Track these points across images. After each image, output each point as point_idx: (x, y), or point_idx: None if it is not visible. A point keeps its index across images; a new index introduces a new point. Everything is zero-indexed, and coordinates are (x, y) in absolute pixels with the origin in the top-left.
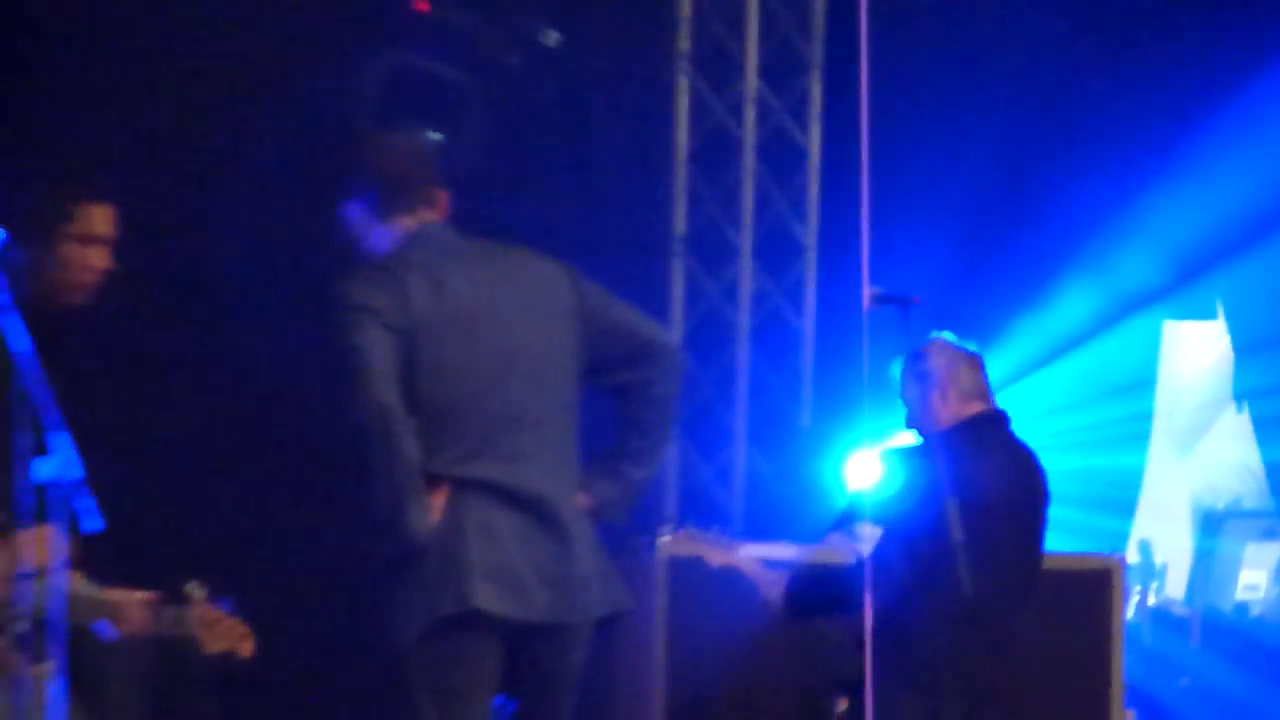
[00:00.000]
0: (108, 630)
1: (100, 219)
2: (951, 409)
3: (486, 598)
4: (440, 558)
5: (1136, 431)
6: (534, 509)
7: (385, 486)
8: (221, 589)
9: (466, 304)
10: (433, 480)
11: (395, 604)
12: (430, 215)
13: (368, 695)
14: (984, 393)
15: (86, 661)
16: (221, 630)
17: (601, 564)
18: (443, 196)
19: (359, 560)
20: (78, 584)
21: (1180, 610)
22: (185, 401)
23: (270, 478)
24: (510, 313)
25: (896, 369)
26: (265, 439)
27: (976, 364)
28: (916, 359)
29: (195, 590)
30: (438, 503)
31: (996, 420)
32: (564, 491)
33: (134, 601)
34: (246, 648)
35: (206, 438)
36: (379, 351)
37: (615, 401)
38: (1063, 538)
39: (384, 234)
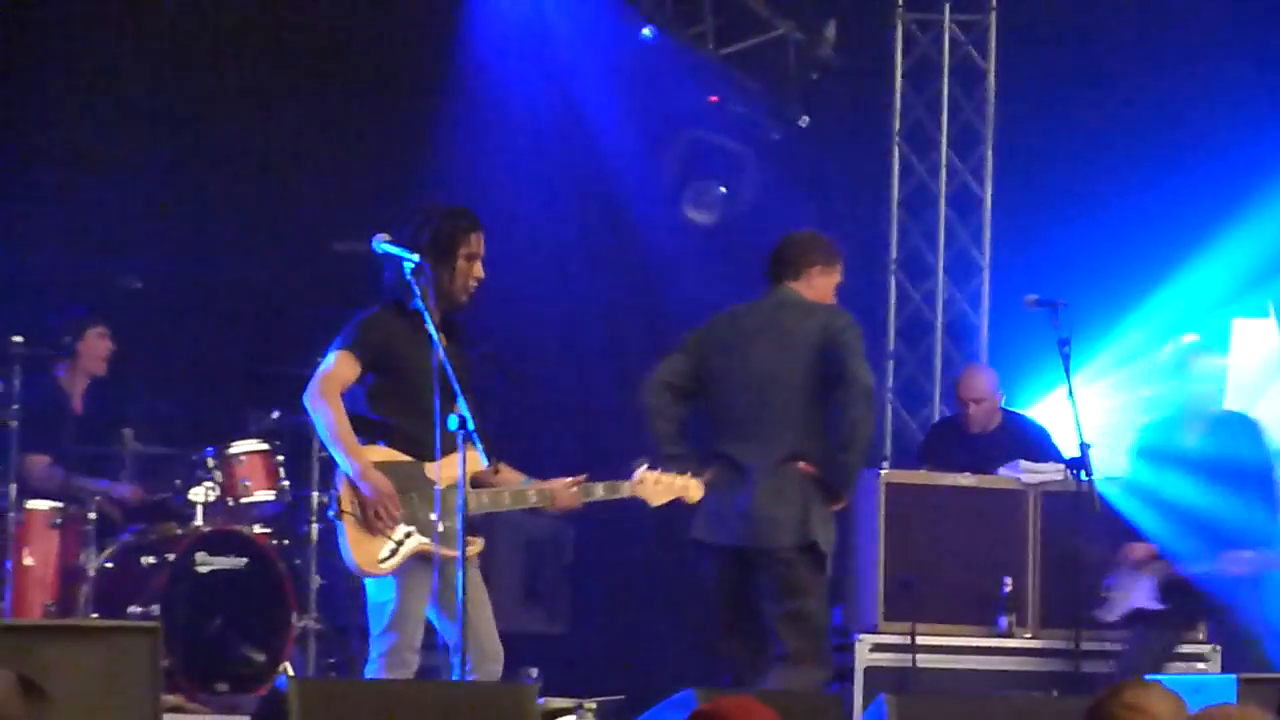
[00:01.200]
0: (545, 507)
1: (477, 241)
2: None
3: (699, 529)
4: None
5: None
6: (744, 472)
7: None
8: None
9: (740, 336)
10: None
11: None
12: (793, 285)
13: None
14: None
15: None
16: (663, 487)
17: (794, 509)
18: (813, 272)
19: None
20: (517, 484)
21: None
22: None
23: None
24: (764, 344)
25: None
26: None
27: None
28: None
29: (641, 465)
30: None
31: None
32: (771, 463)
33: (562, 485)
34: (694, 492)
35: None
36: (665, 366)
37: None
38: None
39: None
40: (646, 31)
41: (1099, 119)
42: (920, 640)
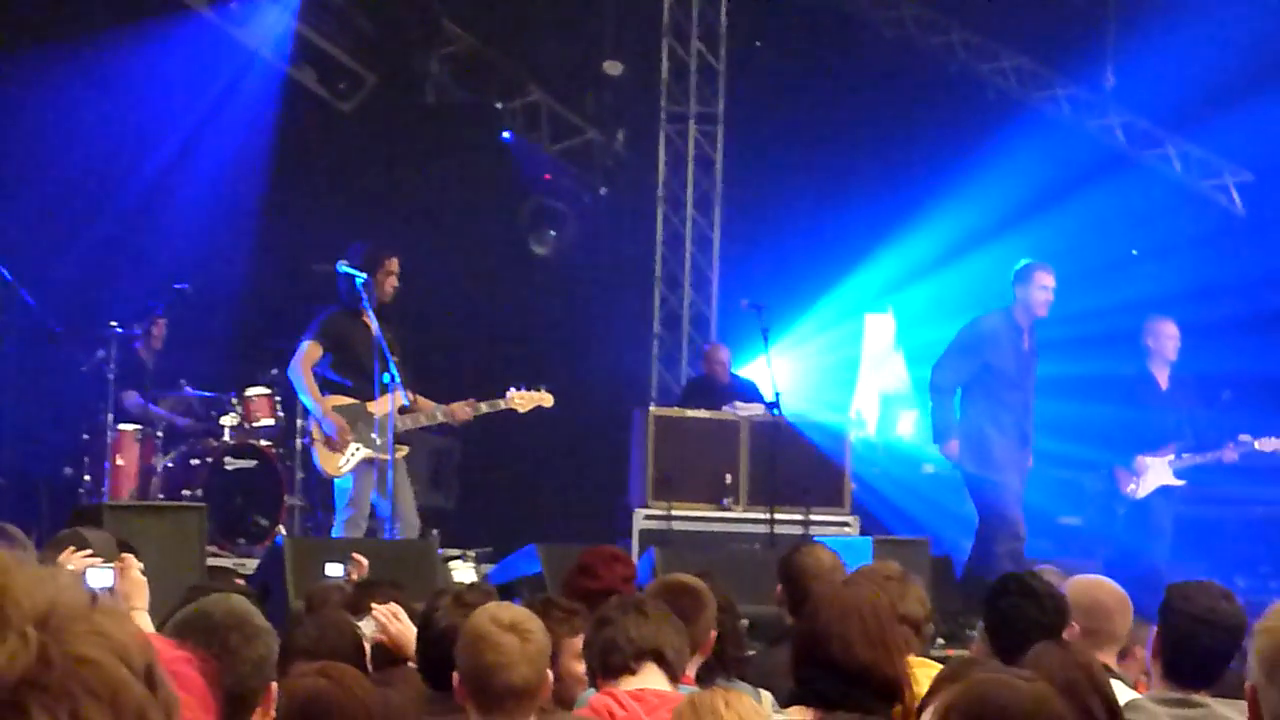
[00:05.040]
0: (448, 421)
1: (394, 262)
2: None
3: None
4: None
5: (853, 368)
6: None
7: None
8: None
9: None
10: None
11: None
12: None
13: None
14: None
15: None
16: (526, 399)
17: None
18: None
19: None
20: (430, 409)
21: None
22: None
23: None
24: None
25: None
26: None
27: None
28: None
29: (512, 389)
30: None
31: None
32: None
33: (459, 406)
34: (547, 400)
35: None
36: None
37: None
38: None
39: None
40: (506, 134)
41: (790, 189)
42: (674, 512)
